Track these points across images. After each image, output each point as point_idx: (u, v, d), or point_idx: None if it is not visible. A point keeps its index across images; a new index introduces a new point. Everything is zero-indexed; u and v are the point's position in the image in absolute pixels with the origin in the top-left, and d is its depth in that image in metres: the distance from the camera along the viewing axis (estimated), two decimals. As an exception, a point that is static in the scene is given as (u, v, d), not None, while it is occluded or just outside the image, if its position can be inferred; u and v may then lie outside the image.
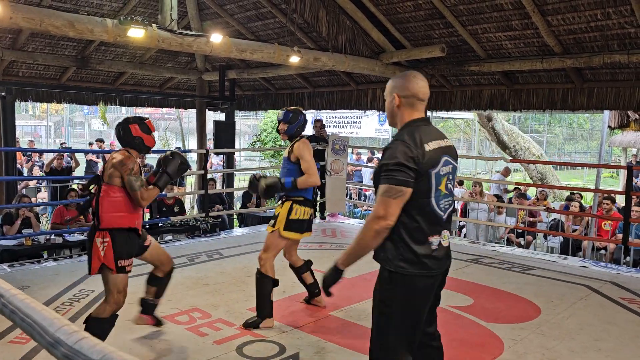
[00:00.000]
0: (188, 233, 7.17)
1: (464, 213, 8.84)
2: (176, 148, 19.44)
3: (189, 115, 22.16)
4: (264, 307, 3.84)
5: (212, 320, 3.97)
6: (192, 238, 6.88)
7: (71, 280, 4.79)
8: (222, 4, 8.55)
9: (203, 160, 8.62)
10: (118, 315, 3.23)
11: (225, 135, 9.73)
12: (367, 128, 18.58)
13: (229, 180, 10.02)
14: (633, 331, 3.90)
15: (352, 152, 15.39)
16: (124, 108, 21.25)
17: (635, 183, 11.77)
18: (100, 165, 12.88)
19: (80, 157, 12.74)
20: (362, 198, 12.24)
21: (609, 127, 8.61)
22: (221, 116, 10.90)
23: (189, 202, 12.10)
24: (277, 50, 6.27)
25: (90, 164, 13.05)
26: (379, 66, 7.51)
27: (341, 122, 19.11)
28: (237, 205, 9.76)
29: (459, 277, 5.15)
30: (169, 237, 7.10)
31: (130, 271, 3.21)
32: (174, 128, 26.35)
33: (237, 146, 16.02)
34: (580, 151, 28.42)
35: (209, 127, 11.34)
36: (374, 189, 2.32)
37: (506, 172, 11.59)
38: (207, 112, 10.97)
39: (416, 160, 2.13)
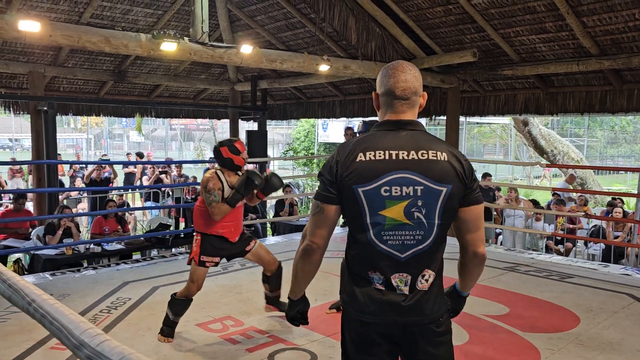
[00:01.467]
0: (222, 242, 7.24)
1: (500, 220, 8.66)
2: (210, 158, 19.76)
3: (223, 126, 22.55)
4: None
5: (244, 328, 4.00)
6: (225, 247, 6.95)
7: (109, 288, 4.91)
8: (253, 15, 8.69)
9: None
10: (191, 300, 3.79)
11: (257, 144, 9.83)
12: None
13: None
14: (679, 342, 3.73)
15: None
16: (159, 120, 21.76)
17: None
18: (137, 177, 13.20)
19: (118, 168, 13.09)
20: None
21: (651, 129, 8.30)
22: (254, 126, 11.04)
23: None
24: (307, 60, 6.32)
25: (128, 176, 13.38)
26: (410, 72, 7.47)
27: (374, 130, 19.05)
28: (270, 214, 9.84)
29: (494, 285, 5.04)
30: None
31: (208, 267, 3.76)
32: (209, 138, 26.84)
33: (269, 155, 16.20)
34: (624, 155, 27.50)
35: (242, 137, 11.49)
36: None
37: (571, 179, 11.05)
38: (240, 121, 11.14)
39: (335, 171, 1.71)
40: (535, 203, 9.12)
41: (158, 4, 8.02)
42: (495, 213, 8.63)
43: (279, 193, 10.59)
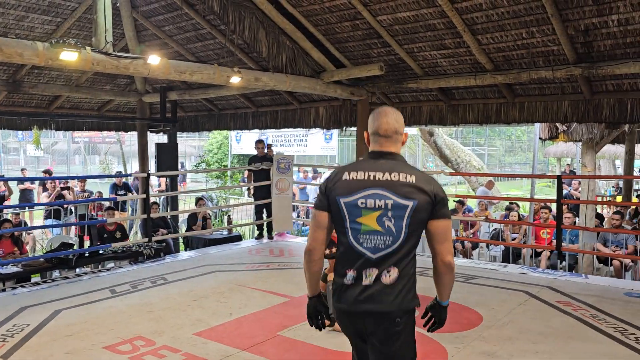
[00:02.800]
0: (131, 259, 6.96)
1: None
2: (117, 172, 18.91)
3: (131, 138, 21.67)
4: None
5: (156, 347, 3.85)
6: (135, 264, 6.68)
7: (4, 314, 4.53)
8: (161, 25, 8.47)
9: (145, 183, 8.42)
10: None
11: (168, 157, 9.55)
12: (313, 146, 18.72)
13: (173, 203, 9.82)
14: (567, 333, 4.08)
15: (299, 170, 15.44)
16: (61, 132, 20.50)
17: (569, 191, 12.38)
18: (35, 194, 12.33)
19: (13, 184, 12.15)
20: (311, 216, 12.24)
21: (540, 138, 9.06)
22: (163, 138, 10.72)
23: (134, 227, 11.75)
24: (217, 71, 6.26)
25: (24, 193, 12.45)
26: (320, 85, 7.62)
27: (287, 141, 19.17)
28: (183, 228, 9.58)
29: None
30: (111, 265, 6.87)
31: None
32: (115, 152, 25.63)
33: (181, 168, 15.78)
34: (520, 162, 29.69)
35: (151, 150, 11.12)
36: None
37: (490, 185, 11.84)
38: (149, 134, 10.76)
39: (325, 186, 2.21)
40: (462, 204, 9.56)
41: (57, 11, 7.59)
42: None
43: (192, 207, 10.34)
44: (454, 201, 9.86)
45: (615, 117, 6.53)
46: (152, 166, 12.08)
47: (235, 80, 6.46)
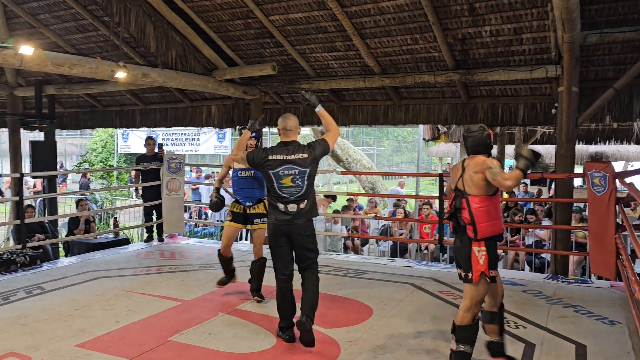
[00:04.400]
0: (2, 268, 6.32)
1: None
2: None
3: (1, 135, 19.79)
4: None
5: (31, 364, 3.54)
6: (6, 273, 6.08)
7: None
8: (35, 13, 7.81)
9: (18, 185, 7.70)
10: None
11: (44, 156, 8.83)
12: (206, 145, 18.29)
13: (51, 206, 9.09)
14: (449, 320, 4.37)
15: (192, 170, 15.02)
16: None
17: (449, 188, 13.31)
18: None
19: None
20: (203, 217, 11.97)
21: (424, 139, 9.64)
22: (40, 136, 9.88)
23: (4, 233, 10.70)
24: (100, 65, 5.90)
25: None
26: (212, 83, 7.48)
27: (179, 140, 18.56)
28: (63, 233, 8.89)
29: (298, 287, 5.29)
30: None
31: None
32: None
33: (61, 168, 14.66)
34: (406, 162, 31.29)
35: (26, 149, 10.20)
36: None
37: (401, 184, 12.68)
38: (23, 131, 9.87)
39: (254, 159, 3.89)
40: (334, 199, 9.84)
41: None
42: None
43: (73, 209, 9.63)
44: (346, 200, 10.17)
45: (489, 119, 7.12)
46: (26, 166, 11.07)
47: (120, 75, 6.13)
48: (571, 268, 6.69)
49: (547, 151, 13.99)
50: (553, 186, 11.63)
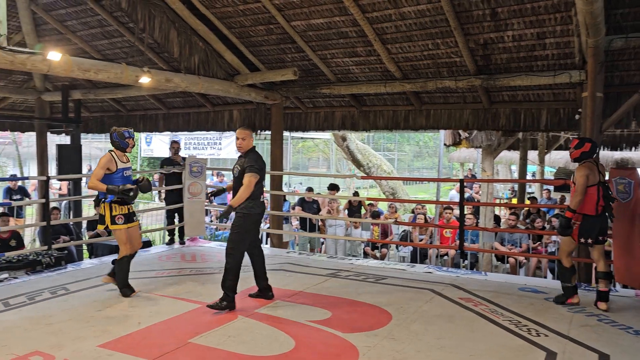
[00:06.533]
0: (28, 269, 6.47)
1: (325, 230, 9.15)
2: (12, 175, 17.51)
3: (29, 139, 20.23)
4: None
5: (55, 363, 3.62)
6: (32, 274, 6.22)
7: None
8: (63, 20, 8.01)
9: (44, 187, 7.87)
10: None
11: (70, 159, 9.01)
12: (228, 149, 18.45)
13: (75, 208, 9.27)
14: (469, 327, 4.34)
15: (213, 174, 15.17)
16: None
17: (470, 194, 13.17)
18: None
19: None
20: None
21: (445, 144, 9.58)
22: (66, 139, 10.10)
23: (30, 234, 10.95)
24: (125, 71, 6.01)
25: None
26: (234, 88, 7.56)
27: (201, 144, 18.77)
28: (87, 235, 9.06)
29: (318, 292, 5.31)
30: (4, 275, 6.34)
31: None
32: (10, 153, 23.67)
33: (86, 171, 14.92)
34: (427, 167, 31.07)
35: (52, 152, 10.43)
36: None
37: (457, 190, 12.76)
38: (50, 135, 10.11)
39: (263, 167, 4.85)
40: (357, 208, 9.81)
41: (-59, -2, 6.93)
42: (320, 223, 9.10)
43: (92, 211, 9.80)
44: (367, 204, 10.15)
45: (511, 125, 7.05)
46: (52, 169, 11.32)
47: (144, 80, 6.24)
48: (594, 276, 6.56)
49: (571, 157, 13.77)
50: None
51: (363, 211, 9.83)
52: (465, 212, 7.02)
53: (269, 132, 8.64)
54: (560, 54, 6.03)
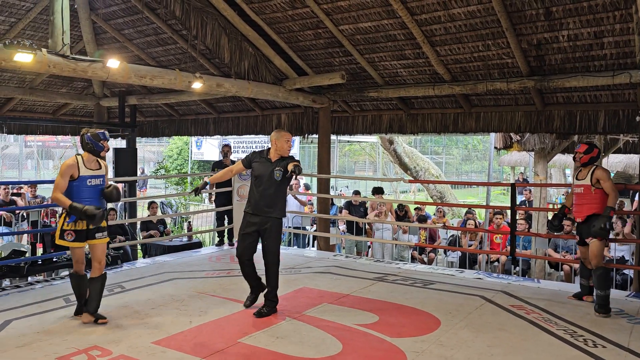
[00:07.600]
0: (88, 268, 6.75)
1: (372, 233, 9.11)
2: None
3: (88, 143, 21.04)
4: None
5: (113, 357, 3.77)
6: (91, 272, 6.49)
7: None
8: (120, 29, 8.34)
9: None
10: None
11: (126, 162, 9.36)
12: (275, 152, 18.69)
13: (131, 209, 9.62)
14: (521, 336, 4.23)
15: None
16: (11, 136, 19.77)
17: (524, 199, 12.79)
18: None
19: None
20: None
21: (495, 148, 9.35)
22: (122, 143, 10.50)
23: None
24: (178, 76, 6.20)
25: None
26: (283, 92, 7.66)
27: (249, 148, 19.09)
28: (141, 235, 9.38)
29: (365, 295, 5.30)
30: (65, 273, 6.65)
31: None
32: (70, 157, 24.81)
33: (140, 174, 15.48)
34: (476, 171, 30.44)
35: (109, 155, 10.86)
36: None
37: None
38: (107, 139, 10.52)
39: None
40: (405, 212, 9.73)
41: (11, 11, 7.37)
42: (367, 227, 9.08)
43: (146, 212, 10.15)
44: (414, 208, 10.05)
45: (565, 128, 6.82)
46: (110, 172, 11.79)
47: (196, 86, 6.42)
48: (657, 286, 6.25)
49: (631, 161, 13.17)
50: (637, 198, 10.92)
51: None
52: (517, 217, 6.83)
53: (316, 136, 8.70)
54: (619, 53, 5.79)
